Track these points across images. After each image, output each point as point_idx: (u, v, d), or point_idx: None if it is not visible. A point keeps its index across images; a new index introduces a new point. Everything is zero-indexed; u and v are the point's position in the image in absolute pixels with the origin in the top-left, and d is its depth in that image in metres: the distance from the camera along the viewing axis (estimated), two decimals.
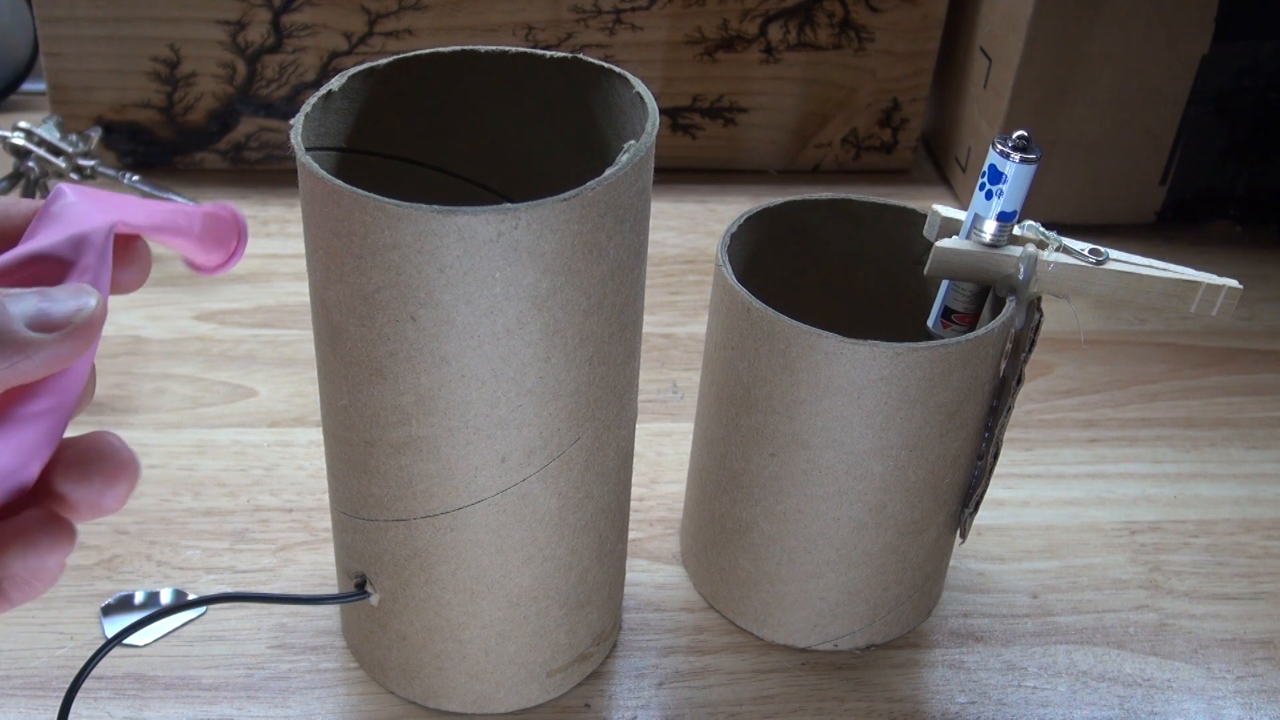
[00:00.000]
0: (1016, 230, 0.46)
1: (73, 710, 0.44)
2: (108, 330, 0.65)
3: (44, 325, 0.27)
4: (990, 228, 0.45)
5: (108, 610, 0.50)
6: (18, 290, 0.27)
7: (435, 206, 0.35)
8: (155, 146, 0.78)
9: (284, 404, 0.61)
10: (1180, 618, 0.53)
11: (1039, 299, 0.46)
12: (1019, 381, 0.46)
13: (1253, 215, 0.80)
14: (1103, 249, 0.46)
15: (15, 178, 0.71)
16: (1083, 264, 0.45)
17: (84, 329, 0.28)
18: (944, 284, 0.48)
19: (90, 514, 0.29)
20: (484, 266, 0.36)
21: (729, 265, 0.46)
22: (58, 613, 0.50)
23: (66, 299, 0.28)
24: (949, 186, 0.83)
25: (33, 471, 0.28)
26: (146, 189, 0.70)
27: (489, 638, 0.45)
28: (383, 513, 0.42)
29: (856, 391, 0.44)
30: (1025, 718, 0.49)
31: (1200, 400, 0.66)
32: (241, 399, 0.62)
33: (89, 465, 0.28)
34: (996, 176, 0.44)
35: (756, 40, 0.78)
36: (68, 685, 0.42)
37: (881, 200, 0.51)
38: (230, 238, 0.35)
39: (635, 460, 0.54)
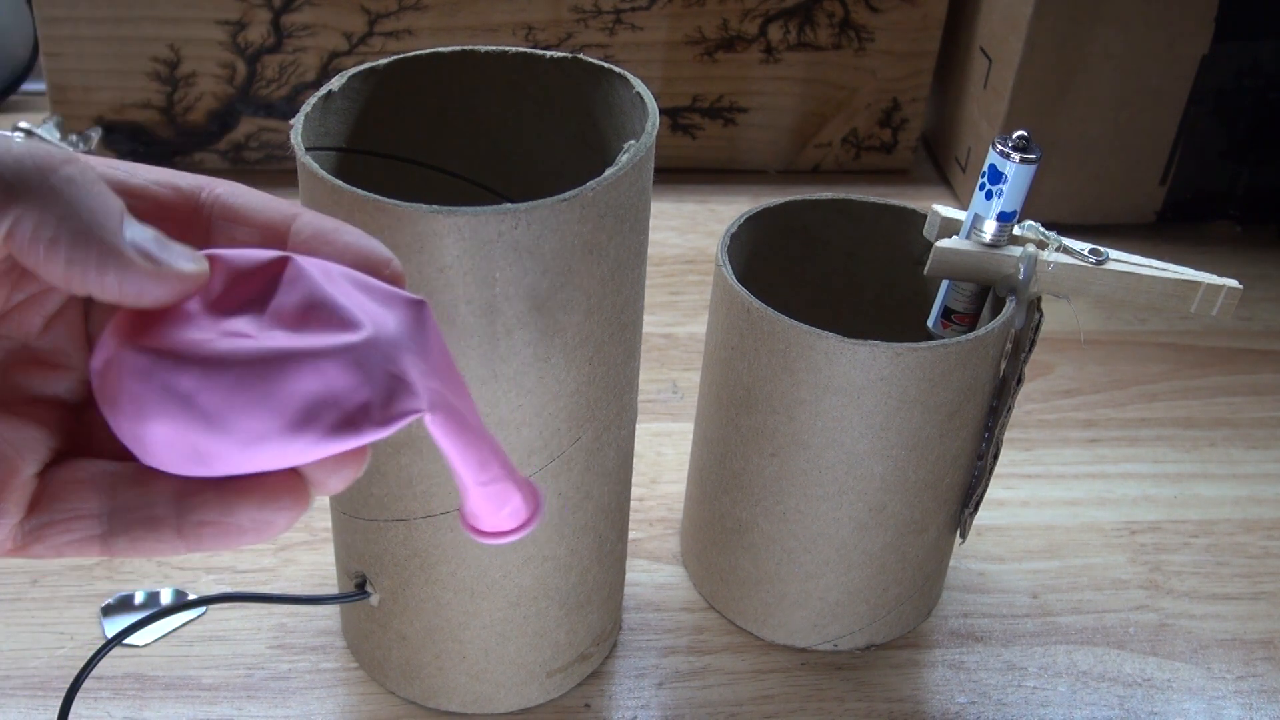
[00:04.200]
0: (1016, 230, 0.46)
1: (73, 710, 0.44)
2: None
3: (146, 256, 0.26)
4: (990, 228, 0.45)
5: (108, 610, 0.50)
6: (145, 225, 0.27)
7: (435, 206, 0.35)
8: (155, 146, 0.78)
9: None
10: (1180, 618, 0.53)
11: (1039, 299, 0.46)
12: (1019, 381, 0.46)
13: (1253, 215, 0.80)
14: (1103, 249, 0.46)
15: None
16: (1083, 264, 0.45)
17: (177, 280, 0.27)
18: (944, 284, 0.48)
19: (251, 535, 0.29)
20: (484, 266, 0.36)
21: (729, 265, 0.46)
22: (58, 613, 0.50)
23: (179, 255, 0.27)
24: (949, 186, 0.83)
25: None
26: None
27: (489, 638, 0.45)
28: (383, 513, 0.42)
29: (856, 391, 0.44)
30: (1025, 718, 0.49)
31: (1200, 400, 0.66)
32: None
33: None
34: (996, 176, 0.44)
35: (756, 40, 0.78)
36: (68, 685, 0.43)
37: (881, 200, 0.51)
38: (524, 510, 0.32)
39: (635, 460, 0.54)
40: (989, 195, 0.45)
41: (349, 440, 0.26)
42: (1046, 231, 0.46)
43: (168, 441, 0.26)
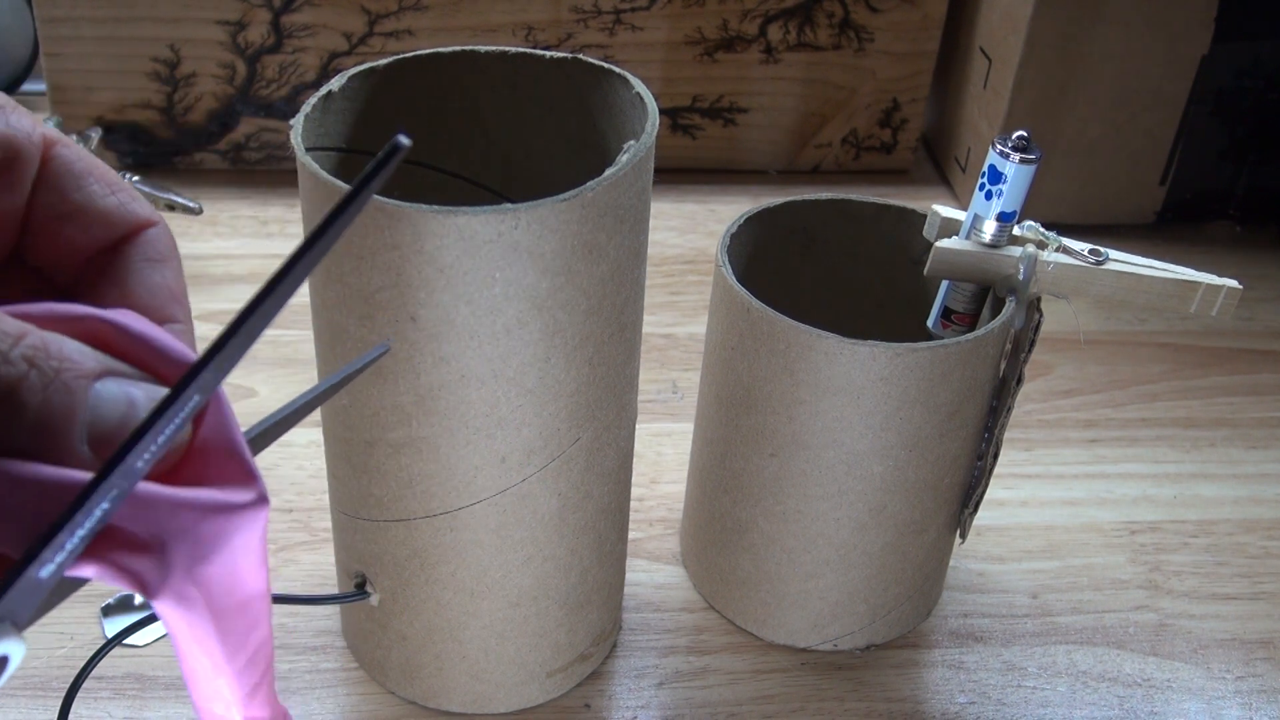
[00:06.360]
0: (1016, 230, 0.46)
1: (73, 710, 0.44)
2: None
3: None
4: (990, 228, 0.45)
5: (108, 610, 0.50)
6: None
7: (435, 206, 0.35)
8: (155, 147, 0.78)
9: (284, 404, 0.61)
10: (1180, 618, 0.53)
11: (1039, 299, 0.46)
12: (1019, 381, 0.46)
13: (1253, 215, 0.80)
14: (1103, 249, 0.46)
15: None
16: (1083, 264, 0.45)
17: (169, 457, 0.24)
18: (944, 284, 0.48)
19: None
20: (484, 266, 0.36)
21: (729, 265, 0.46)
22: (58, 613, 0.50)
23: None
24: (949, 186, 0.83)
25: None
26: (147, 189, 0.70)
27: (489, 638, 0.45)
28: (383, 513, 0.42)
29: (856, 391, 0.44)
30: (1025, 718, 0.49)
31: (1200, 400, 0.66)
32: (241, 399, 0.62)
33: None
34: (996, 177, 0.44)
35: (756, 40, 0.78)
36: (68, 685, 0.42)
37: (881, 200, 0.51)
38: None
39: (635, 460, 0.54)
40: (989, 195, 0.45)
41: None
42: (1046, 231, 0.46)
43: None
